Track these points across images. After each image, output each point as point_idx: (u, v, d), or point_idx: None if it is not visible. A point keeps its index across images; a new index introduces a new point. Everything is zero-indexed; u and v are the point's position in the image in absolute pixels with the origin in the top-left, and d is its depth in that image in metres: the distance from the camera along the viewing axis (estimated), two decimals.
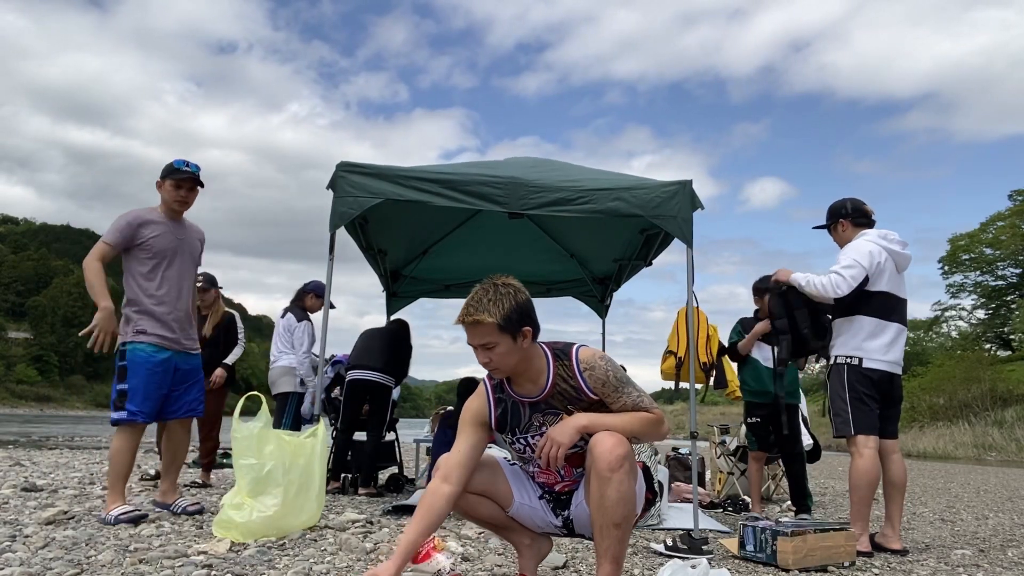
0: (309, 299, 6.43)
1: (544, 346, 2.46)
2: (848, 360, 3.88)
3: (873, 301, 3.87)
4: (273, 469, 3.57)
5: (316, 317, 6.42)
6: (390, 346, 6.02)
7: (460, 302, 2.38)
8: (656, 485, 2.79)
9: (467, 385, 5.80)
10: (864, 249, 3.90)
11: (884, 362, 3.84)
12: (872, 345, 3.85)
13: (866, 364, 3.84)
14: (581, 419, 2.33)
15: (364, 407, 5.95)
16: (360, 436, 6.04)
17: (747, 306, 5.81)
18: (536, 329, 2.39)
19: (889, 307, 3.89)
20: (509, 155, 5.82)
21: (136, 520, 3.70)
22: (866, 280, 3.85)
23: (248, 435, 3.59)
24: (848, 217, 4.11)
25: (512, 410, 2.46)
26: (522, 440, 2.47)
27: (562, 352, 2.44)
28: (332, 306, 4.87)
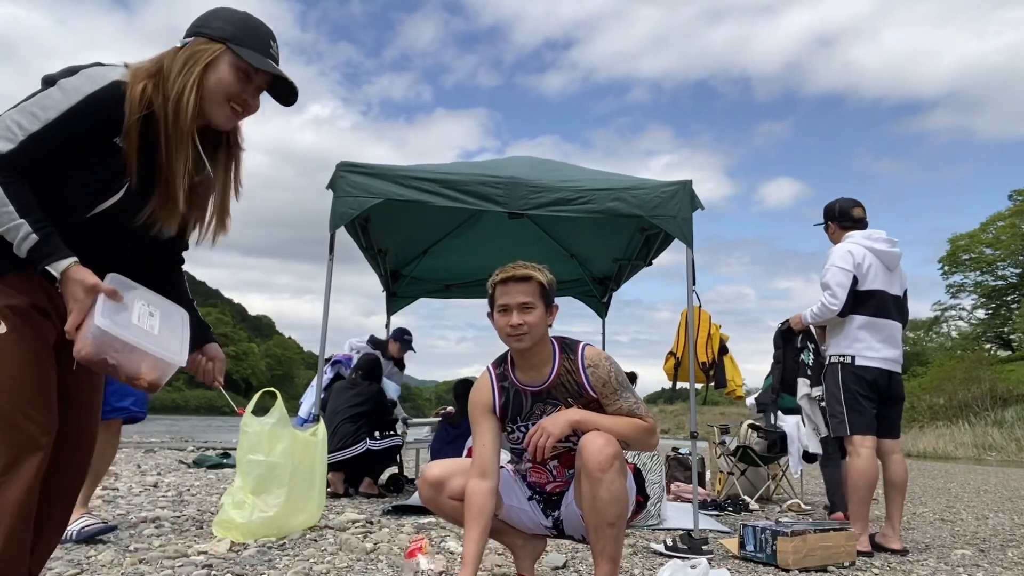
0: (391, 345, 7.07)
1: (552, 338, 2.49)
2: (841, 359, 3.89)
3: (866, 301, 3.88)
4: (281, 468, 3.54)
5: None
6: (358, 410, 5.58)
7: (459, 302, 2.42)
8: (652, 487, 2.80)
9: (464, 386, 5.78)
10: (842, 252, 3.94)
11: (878, 359, 3.84)
12: (864, 343, 3.85)
13: (859, 362, 3.84)
14: (574, 414, 2.35)
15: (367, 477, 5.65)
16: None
17: (754, 306, 5.84)
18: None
19: (882, 305, 3.89)
20: (526, 154, 5.77)
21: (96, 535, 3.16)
22: (855, 281, 3.87)
23: (259, 430, 3.55)
24: (835, 220, 4.14)
25: (515, 398, 2.47)
26: (522, 428, 2.47)
27: (569, 346, 2.48)
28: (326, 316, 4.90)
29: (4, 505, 1.48)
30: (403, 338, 7.05)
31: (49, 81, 1.57)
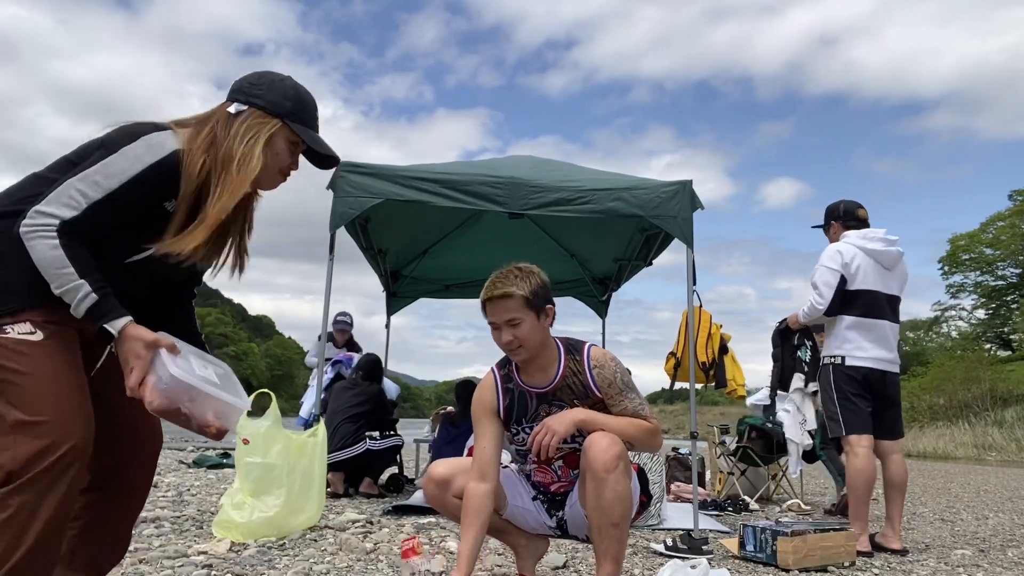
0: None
1: (557, 339, 2.49)
2: (832, 360, 3.92)
3: (855, 300, 3.89)
4: (278, 469, 3.55)
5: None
6: (359, 411, 5.55)
7: (460, 302, 2.42)
8: (652, 487, 2.79)
9: (466, 387, 5.78)
10: (831, 252, 3.96)
11: (869, 359, 3.85)
12: (855, 343, 3.86)
13: (849, 362, 3.86)
14: (579, 413, 2.34)
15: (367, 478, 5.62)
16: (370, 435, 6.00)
17: (755, 306, 5.88)
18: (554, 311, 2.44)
19: (874, 305, 3.89)
20: (529, 154, 5.78)
21: None
22: (844, 280, 3.88)
23: (255, 433, 3.56)
24: (839, 219, 4.14)
25: (519, 400, 2.47)
26: (527, 430, 2.46)
27: (574, 347, 2.47)
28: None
29: (39, 510, 1.49)
30: (336, 319, 7.07)
31: (107, 145, 1.61)
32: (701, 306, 5.42)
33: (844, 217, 4.12)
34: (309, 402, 6.55)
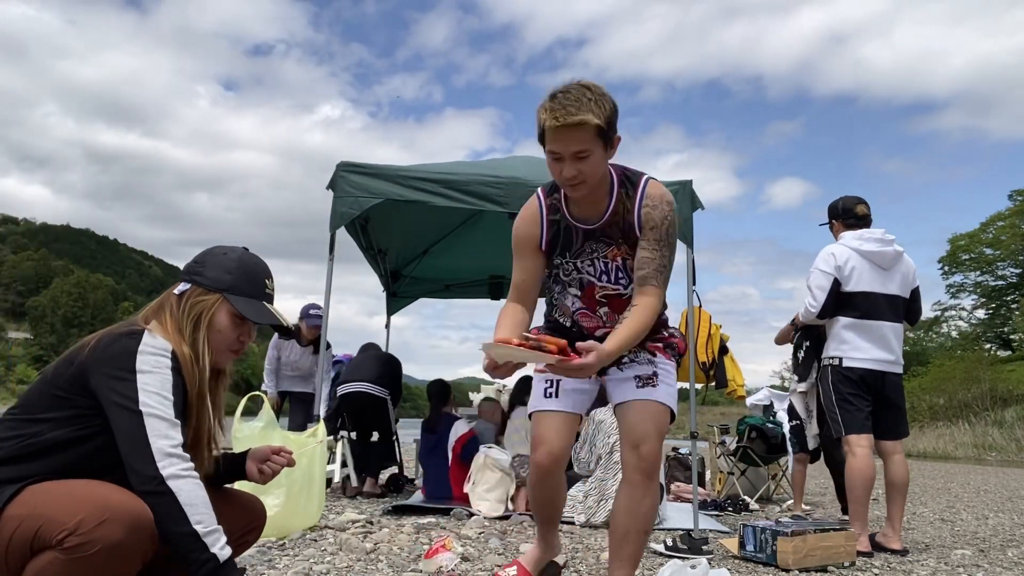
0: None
1: (612, 168, 2.22)
2: (830, 361, 3.94)
3: (851, 302, 3.89)
4: None
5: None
6: (383, 364, 5.84)
7: (462, 302, 2.41)
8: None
9: (439, 385, 5.74)
10: (824, 254, 3.97)
11: (866, 360, 3.85)
12: (852, 344, 3.87)
13: (846, 363, 3.86)
14: (604, 358, 2.02)
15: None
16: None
17: (757, 307, 5.89)
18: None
19: (871, 307, 3.87)
20: (533, 154, 5.75)
21: None
22: (839, 283, 3.88)
23: (250, 435, 3.57)
24: (839, 218, 4.14)
25: (564, 234, 2.28)
26: (571, 263, 2.31)
27: (630, 179, 2.22)
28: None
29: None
30: (308, 313, 6.29)
31: (130, 369, 1.58)
32: (700, 306, 5.43)
33: (843, 215, 4.12)
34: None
